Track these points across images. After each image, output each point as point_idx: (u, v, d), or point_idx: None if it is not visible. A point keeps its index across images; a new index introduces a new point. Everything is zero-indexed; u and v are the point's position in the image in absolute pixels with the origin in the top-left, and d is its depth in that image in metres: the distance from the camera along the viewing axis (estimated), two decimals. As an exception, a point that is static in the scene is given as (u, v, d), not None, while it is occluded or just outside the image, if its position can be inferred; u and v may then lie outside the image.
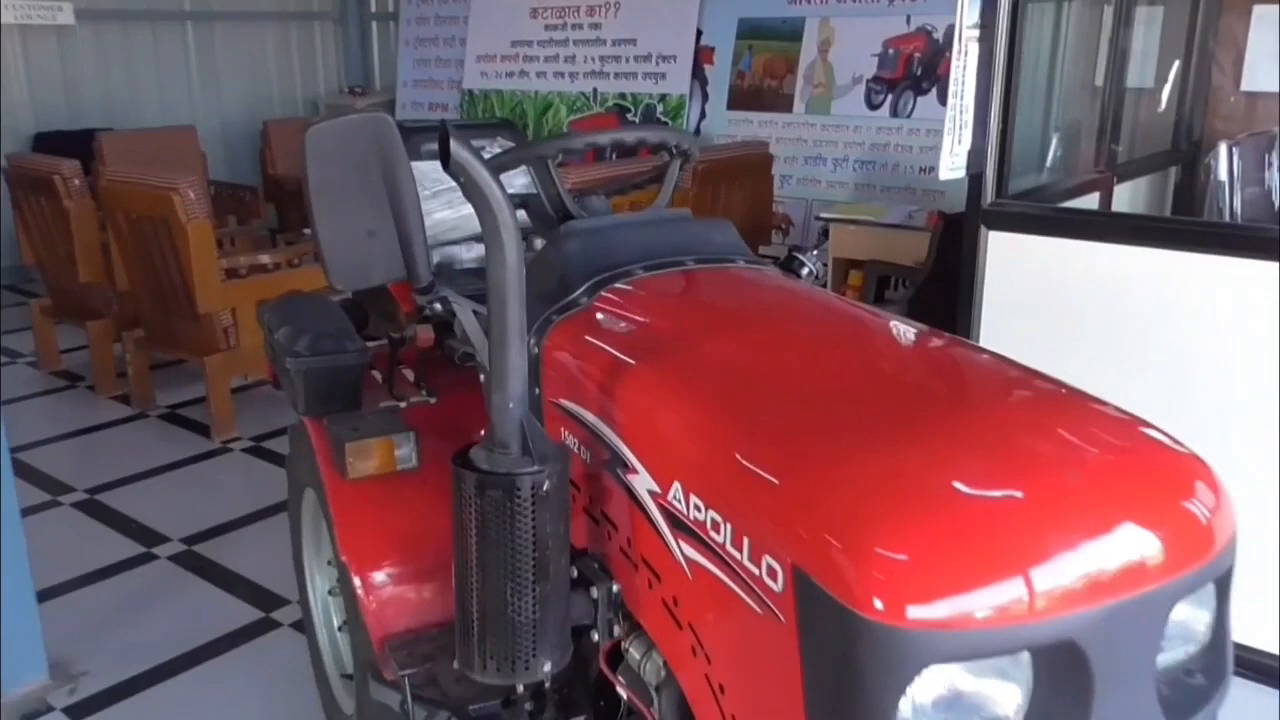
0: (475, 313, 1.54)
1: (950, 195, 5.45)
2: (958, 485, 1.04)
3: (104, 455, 4.19)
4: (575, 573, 1.42)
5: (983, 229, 2.87)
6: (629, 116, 6.72)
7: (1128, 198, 3.87)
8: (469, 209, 2.39)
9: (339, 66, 8.28)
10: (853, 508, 1.02)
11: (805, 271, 1.74)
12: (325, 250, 1.38)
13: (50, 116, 6.75)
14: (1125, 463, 1.12)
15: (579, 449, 1.47)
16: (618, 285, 1.55)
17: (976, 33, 2.76)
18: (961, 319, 2.94)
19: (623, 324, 1.48)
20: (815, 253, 1.75)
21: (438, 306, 1.56)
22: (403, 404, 2.07)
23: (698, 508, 1.17)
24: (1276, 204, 3.89)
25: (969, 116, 2.79)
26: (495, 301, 1.26)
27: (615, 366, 1.41)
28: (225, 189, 6.43)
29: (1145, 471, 1.12)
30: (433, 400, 2.10)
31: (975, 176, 2.86)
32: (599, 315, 1.52)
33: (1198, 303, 2.58)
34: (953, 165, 2.80)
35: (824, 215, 4.52)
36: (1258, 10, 4.21)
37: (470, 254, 2.53)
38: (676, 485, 1.22)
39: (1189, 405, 2.54)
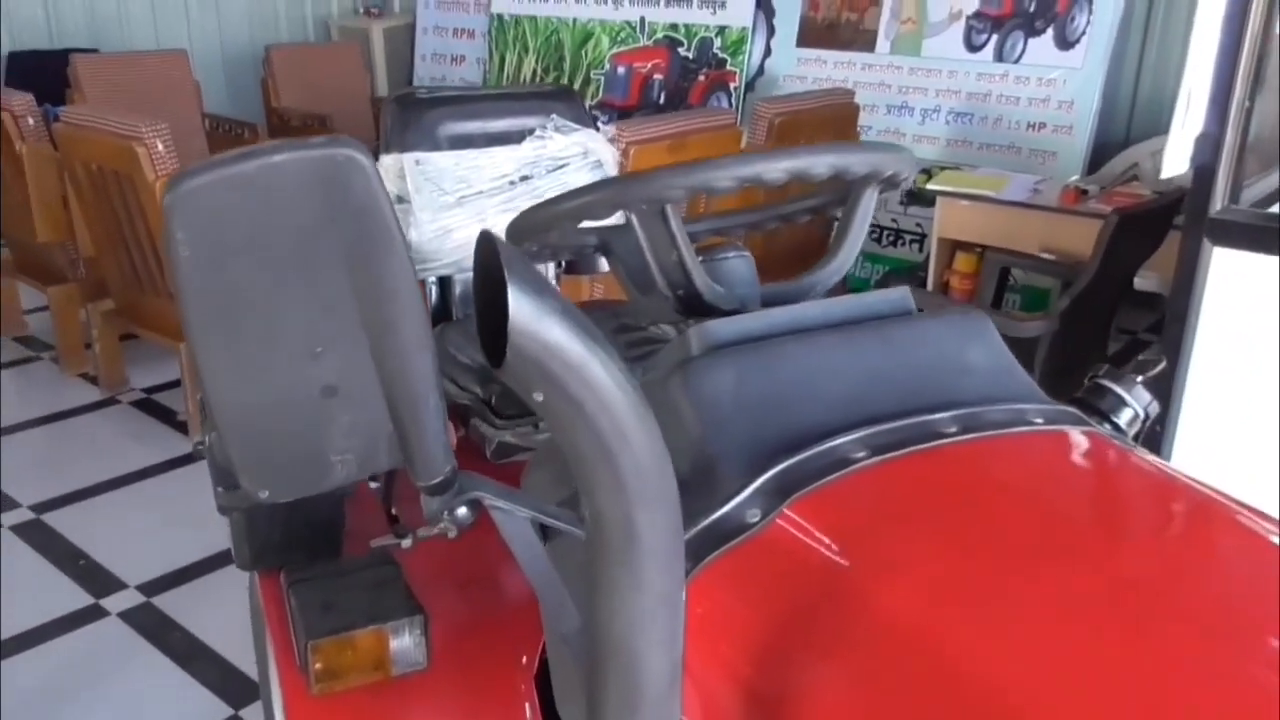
0: (544, 531, 0.82)
1: (1063, 159, 4.64)
2: None
3: (60, 456, 3.51)
4: None
5: (1206, 244, 2.11)
6: (680, 51, 5.87)
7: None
8: (504, 219, 1.63)
9: (354, -18, 7.40)
10: None
11: (1127, 419, 0.99)
12: (226, 430, 0.65)
13: (26, 33, 5.93)
14: None
15: None
16: (824, 486, 0.79)
17: (1227, -30, 1.97)
18: (1168, 358, 2.19)
19: (871, 590, 0.73)
20: (1140, 380, 1.00)
21: (462, 512, 0.82)
22: (404, 542, 1.34)
23: None
24: None
25: (1205, 90, 2.00)
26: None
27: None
28: (221, 124, 5.65)
29: None
30: (453, 533, 1.38)
31: (1202, 171, 2.09)
32: (805, 557, 0.77)
33: None
34: (1179, 156, 2.03)
35: (930, 187, 3.72)
36: None
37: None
38: None
39: None
